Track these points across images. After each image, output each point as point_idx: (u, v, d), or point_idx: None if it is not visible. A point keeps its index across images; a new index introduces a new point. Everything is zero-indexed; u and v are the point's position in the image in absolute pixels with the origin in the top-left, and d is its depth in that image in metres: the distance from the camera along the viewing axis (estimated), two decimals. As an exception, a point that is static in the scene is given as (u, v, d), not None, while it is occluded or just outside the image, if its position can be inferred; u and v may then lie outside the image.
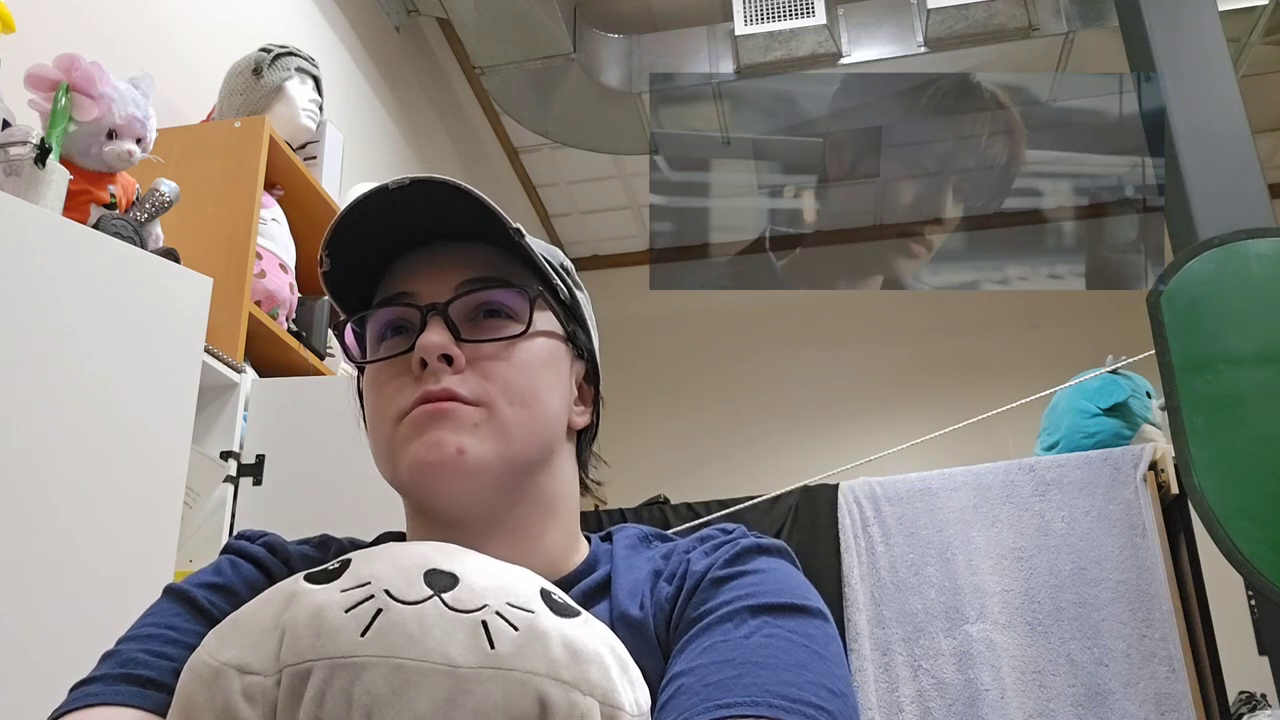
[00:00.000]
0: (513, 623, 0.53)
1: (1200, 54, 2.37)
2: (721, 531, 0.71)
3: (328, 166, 2.32)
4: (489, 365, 0.68)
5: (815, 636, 0.60)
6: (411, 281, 0.71)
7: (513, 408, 0.67)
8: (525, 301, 0.70)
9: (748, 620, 0.60)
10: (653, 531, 0.75)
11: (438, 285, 0.70)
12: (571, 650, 0.53)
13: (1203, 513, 1.83)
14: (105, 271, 1.37)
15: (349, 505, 1.69)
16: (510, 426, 0.67)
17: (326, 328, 2.18)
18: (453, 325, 0.68)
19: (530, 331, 0.70)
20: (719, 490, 2.86)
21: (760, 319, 5.17)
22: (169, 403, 1.41)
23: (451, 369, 0.67)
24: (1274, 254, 2.00)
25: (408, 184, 0.67)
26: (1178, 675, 2.28)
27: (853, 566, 2.52)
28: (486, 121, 4.44)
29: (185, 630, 0.62)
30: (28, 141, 1.42)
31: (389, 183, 0.67)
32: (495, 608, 0.54)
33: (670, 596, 0.66)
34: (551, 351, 0.72)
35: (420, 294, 0.70)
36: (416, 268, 0.71)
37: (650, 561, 0.69)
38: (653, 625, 0.64)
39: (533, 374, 0.69)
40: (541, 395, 0.70)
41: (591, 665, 0.54)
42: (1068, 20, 3.59)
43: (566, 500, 0.72)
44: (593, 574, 0.69)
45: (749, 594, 0.62)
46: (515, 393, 0.68)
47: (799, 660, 0.58)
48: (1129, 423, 2.67)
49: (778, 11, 3.58)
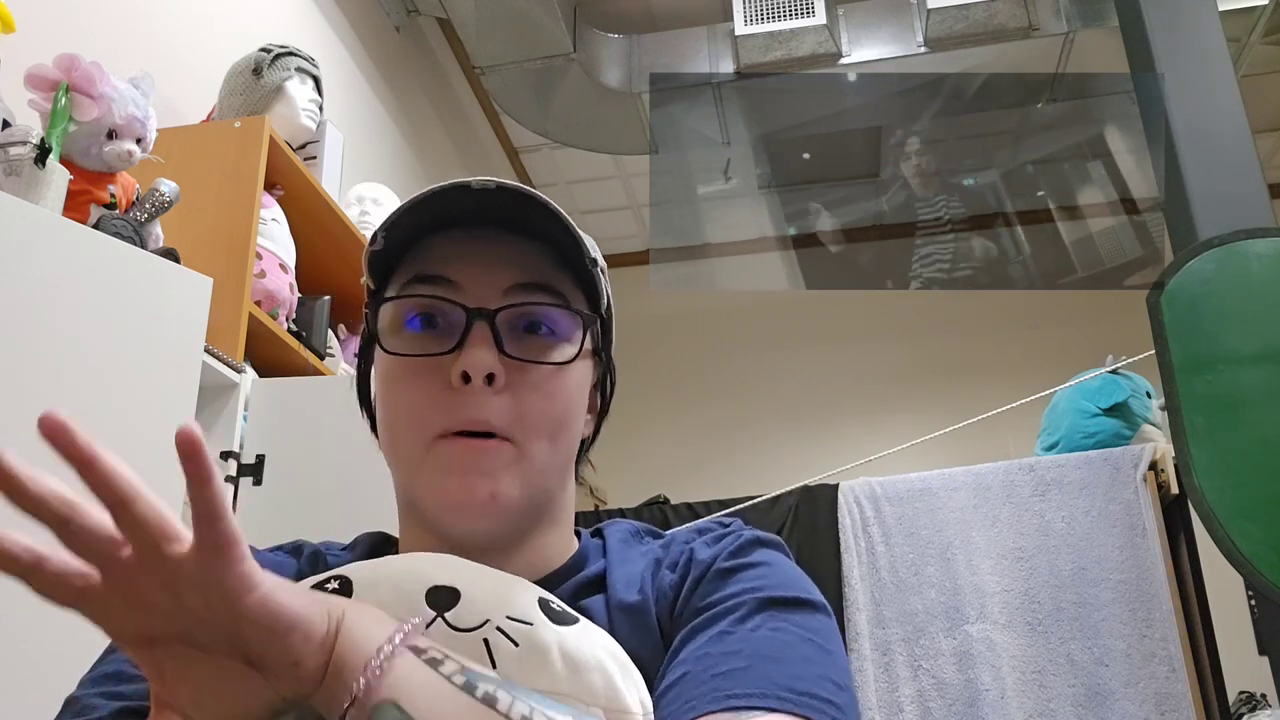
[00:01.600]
0: (513, 638, 0.54)
1: (1200, 54, 2.37)
2: (719, 525, 0.71)
3: (328, 166, 2.32)
4: (526, 393, 0.65)
5: (819, 630, 0.61)
6: (455, 268, 0.66)
7: (541, 443, 0.65)
8: (577, 327, 0.68)
9: (754, 613, 0.60)
10: (645, 527, 0.75)
11: (485, 282, 0.66)
12: (571, 661, 0.55)
13: (1203, 513, 1.83)
14: (105, 271, 1.37)
15: (349, 505, 1.69)
16: (537, 463, 0.65)
17: (326, 328, 2.18)
18: (498, 337, 0.65)
19: (575, 358, 0.67)
20: (719, 490, 2.87)
21: (760, 319, 5.17)
22: (169, 403, 1.41)
23: (491, 389, 0.64)
24: (1274, 254, 2.00)
25: (493, 188, 0.64)
26: (1178, 675, 2.28)
27: (853, 566, 2.52)
28: (486, 121, 4.44)
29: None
30: (28, 141, 1.42)
31: (473, 181, 0.64)
32: (496, 623, 0.55)
33: (674, 584, 0.66)
34: (585, 374, 0.70)
35: (465, 288, 0.66)
36: (462, 252, 0.67)
37: (647, 554, 0.70)
38: (654, 611, 0.64)
39: (569, 405, 0.68)
40: (570, 424, 0.68)
41: (593, 673, 0.55)
42: (1068, 20, 3.60)
43: (566, 507, 0.72)
44: (585, 569, 0.69)
45: (755, 587, 0.62)
46: (548, 427, 0.66)
47: (805, 654, 0.58)
48: (1129, 423, 2.67)
49: (778, 11, 3.58)
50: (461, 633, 0.54)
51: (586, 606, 0.65)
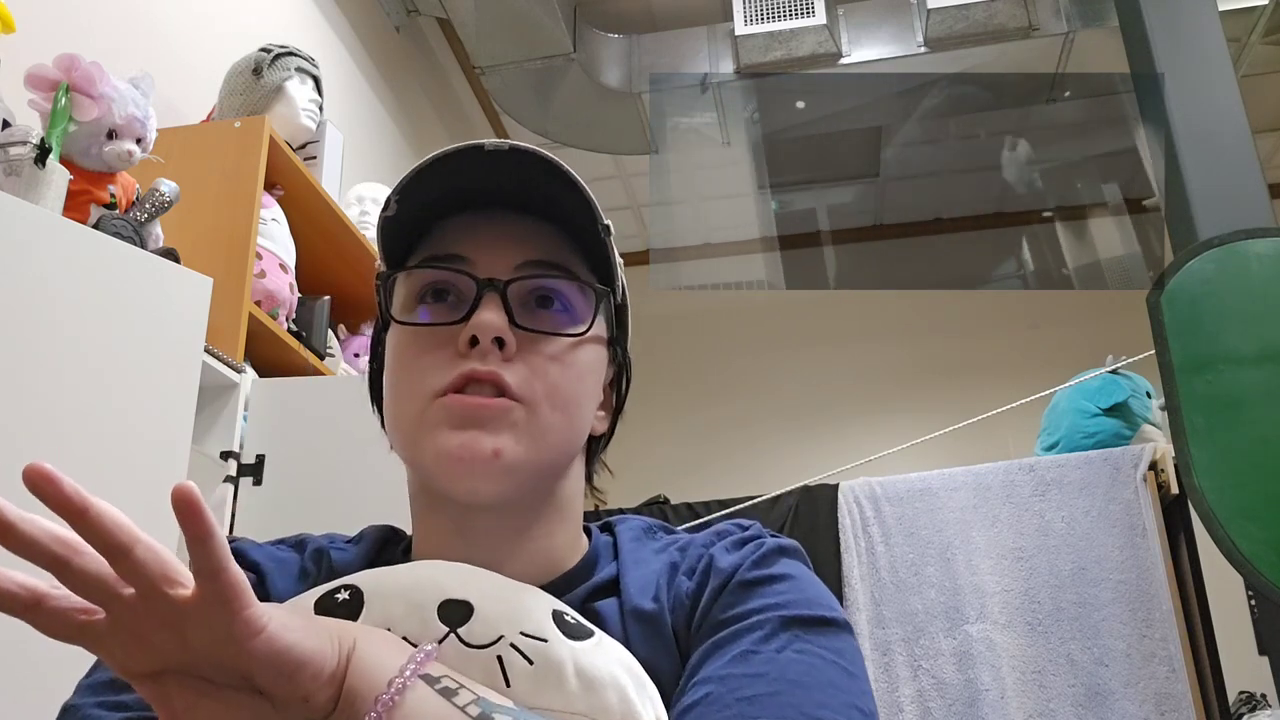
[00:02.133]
0: (527, 655, 0.54)
1: (1200, 54, 2.37)
2: (738, 527, 0.69)
3: (328, 166, 2.32)
4: (540, 361, 0.64)
5: (844, 653, 0.60)
6: (468, 246, 0.66)
7: (554, 412, 0.64)
8: (588, 301, 0.67)
9: (779, 633, 0.59)
10: (657, 524, 0.73)
11: (497, 258, 0.65)
12: (586, 679, 0.54)
13: (1203, 513, 1.83)
14: (105, 271, 1.37)
15: (349, 505, 1.69)
16: (548, 431, 0.63)
17: (326, 328, 2.18)
18: (509, 306, 0.64)
19: (589, 334, 0.67)
20: (719, 490, 2.86)
21: (761, 319, 5.17)
22: (169, 403, 1.41)
23: (502, 354, 0.62)
24: (1274, 254, 2.00)
25: (506, 150, 0.63)
26: (1178, 675, 2.28)
27: (853, 566, 2.52)
28: (486, 121, 4.44)
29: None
30: (28, 141, 1.42)
31: (485, 143, 0.63)
32: (510, 639, 0.54)
33: (692, 592, 0.64)
34: (599, 357, 0.69)
35: (477, 263, 0.65)
36: (474, 232, 0.66)
37: (662, 554, 0.68)
38: (669, 620, 0.63)
39: (580, 381, 0.66)
40: (582, 403, 0.67)
41: (608, 690, 0.54)
42: (1068, 20, 3.60)
43: (575, 502, 0.70)
44: (598, 572, 0.67)
45: (779, 604, 0.61)
46: (560, 397, 0.64)
47: (831, 679, 0.57)
48: (1129, 423, 2.67)
49: (778, 11, 3.58)
50: (475, 649, 0.53)
51: (599, 610, 0.64)
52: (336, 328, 2.35)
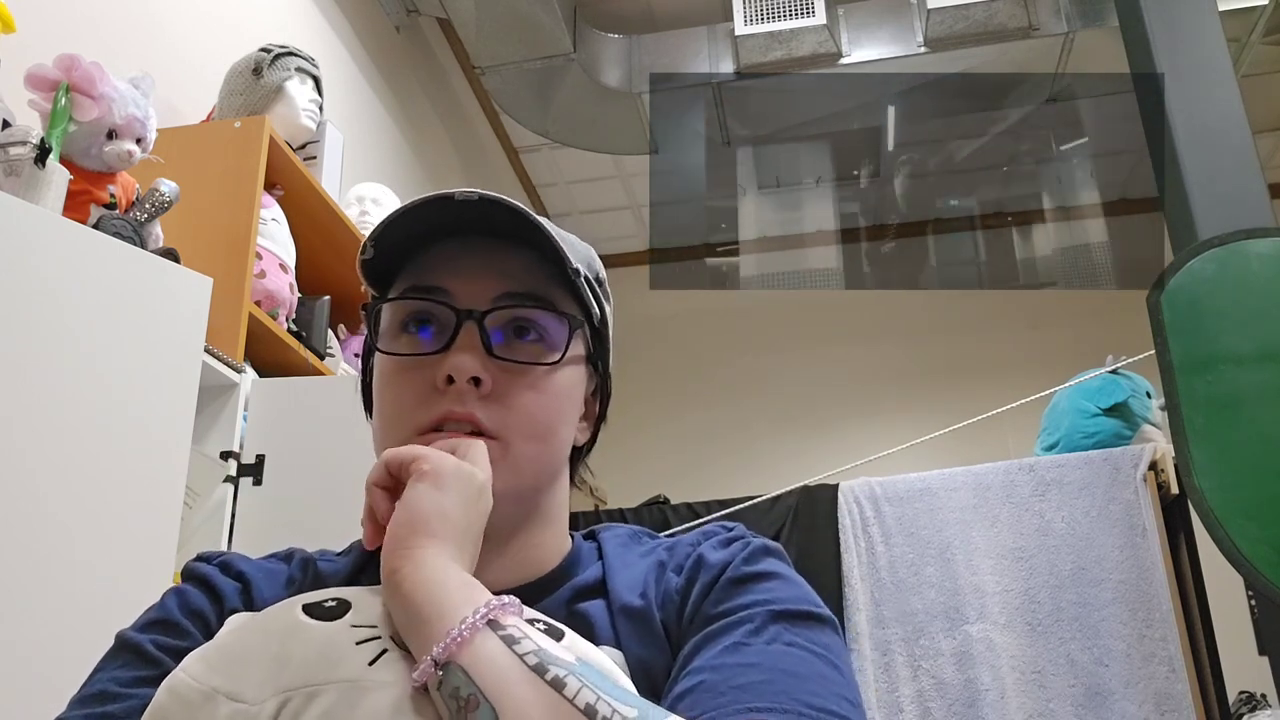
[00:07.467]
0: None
1: (1200, 54, 2.37)
2: (723, 529, 0.71)
3: (328, 166, 2.32)
4: (514, 393, 0.67)
5: (830, 648, 0.62)
6: (448, 277, 0.68)
7: (528, 443, 0.67)
8: (565, 330, 0.69)
9: (769, 626, 0.61)
10: (642, 530, 0.75)
11: (476, 289, 0.68)
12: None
13: (1203, 513, 1.83)
14: (105, 271, 1.37)
15: (349, 505, 1.68)
16: (523, 462, 0.66)
17: (326, 328, 2.18)
18: (485, 337, 0.66)
19: (565, 359, 0.69)
20: (719, 490, 2.86)
21: (760, 319, 5.17)
22: (169, 403, 1.41)
23: (479, 390, 0.65)
24: (1274, 254, 2.00)
25: (475, 200, 0.66)
26: (1178, 675, 2.28)
27: (853, 566, 2.51)
28: (486, 121, 4.44)
29: (127, 680, 0.62)
30: (28, 141, 1.42)
31: (455, 193, 0.66)
32: None
33: (680, 587, 0.66)
34: (575, 378, 0.71)
35: (456, 294, 0.68)
36: (454, 263, 0.69)
37: (648, 556, 0.70)
38: (659, 615, 0.65)
39: (555, 406, 0.69)
40: (558, 428, 0.69)
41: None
42: (1068, 20, 3.60)
43: (560, 509, 0.73)
44: (580, 573, 0.70)
45: (768, 599, 0.63)
46: (534, 427, 0.67)
47: (821, 671, 0.59)
48: (1129, 423, 2.67)
49: (778, 11, 3.58)
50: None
51: (586, 611, 0.65)
52: (336, 327, 2.35)
